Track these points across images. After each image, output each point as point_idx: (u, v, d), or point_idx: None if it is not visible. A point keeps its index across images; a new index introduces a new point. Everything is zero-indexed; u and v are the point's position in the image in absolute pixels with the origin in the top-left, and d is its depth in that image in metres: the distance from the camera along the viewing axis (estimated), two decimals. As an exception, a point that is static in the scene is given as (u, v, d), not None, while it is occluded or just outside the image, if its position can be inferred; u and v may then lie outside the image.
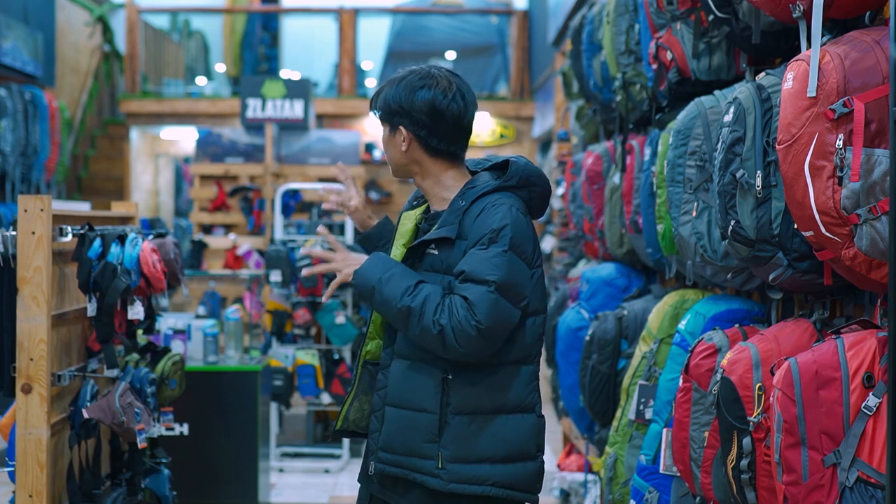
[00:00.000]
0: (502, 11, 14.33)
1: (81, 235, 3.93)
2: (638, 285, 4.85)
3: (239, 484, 6.22)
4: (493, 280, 2.67)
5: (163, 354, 4.52)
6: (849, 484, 2.18)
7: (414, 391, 2.78)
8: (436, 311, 2.67)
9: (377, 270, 2.78)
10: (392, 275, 2.76)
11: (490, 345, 2.70)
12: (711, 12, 3.14)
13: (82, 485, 4.01)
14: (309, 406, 7.62)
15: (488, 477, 2.74)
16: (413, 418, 2.77)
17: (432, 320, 2.67)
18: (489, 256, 2.68)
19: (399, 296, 2.71)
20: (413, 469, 2.78)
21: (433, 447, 2.74)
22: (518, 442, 2.78)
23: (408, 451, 2.78)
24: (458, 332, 2.65)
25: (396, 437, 2.80)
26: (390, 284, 2.74)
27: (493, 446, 2.75)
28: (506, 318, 2.70)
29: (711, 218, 3.09)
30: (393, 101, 2.84)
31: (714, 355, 2.97)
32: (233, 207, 10.89)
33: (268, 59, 15.80)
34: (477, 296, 2.66)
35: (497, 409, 2.76)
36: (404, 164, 2.88)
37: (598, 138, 6.09)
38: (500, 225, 2.71)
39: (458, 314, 2.65)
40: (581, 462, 5.88)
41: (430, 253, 2.80)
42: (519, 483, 2.78)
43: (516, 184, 2.83)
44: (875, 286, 2.35)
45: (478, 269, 2.68)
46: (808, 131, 2.26)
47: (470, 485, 2.73)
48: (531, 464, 2.80)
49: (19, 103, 9.21)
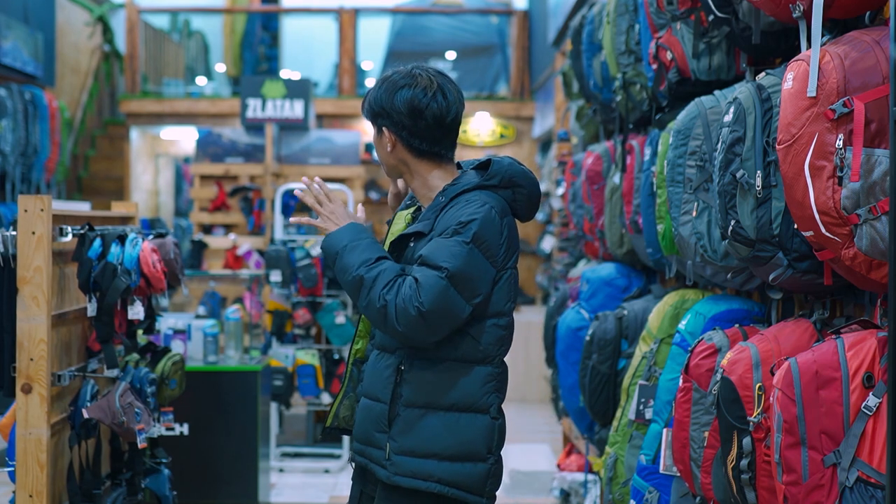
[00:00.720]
0: (502, 11, 14.32)
1: (81, 235, 3.93)
2: (638, 285, 4.85)
3: (239, 484, 6.22)
4: (446, 267, 2.67)
5: (163, 354, 4.52)
6: (849, 484, 2.18)
7: (375, 381, 2.82)
8: (385, 286, 2.69)
9: (346, 237, 2.81)
10: (358, 244, 2.79)
11: (430, 330, 2.68)
12: (711, 12, 3.14)
13: (82, 485, 4.01)
14: (309, 406, 7.62)
15: (433, 473, 2.73)
16: (371, 407, 2.81)
17: (379, 294, 2.69)
18: (448, 245, 2.69)
19: (357, 265, 2.74)
20: (370, 458, 2.82)
21: (383, 437, 2.77)
22: (467, 441, 2.76)
23: (366, 440, 2.82)
24: (399, 310, 2.66)
25: (360, 425, 2.85)
26: (353, 253, 2.77)
27: (441, 443, 2.74)
28: (451, 308, 2.68)
29: (711, 218, 3.09)
30: (375, 103, 2.86)
31: (714, 355, 2.97)
32: (233, 207, 10.89)
33: (268, 59, 15.79)
34: (426, 279, 2.66)
35: (449, 406, 2.76)
36: (393, 164, 2.90)
37: (598, 138, 6.09)
38: (468, 218, 2.71)
39: (404, 293, 2.66)
40: (581, 462, 5.88)
41: (409, 246, 2.83)
42: (465, 483, 2.75)
43: (498, 183, 2.82)
44: (875, 286, 2.35)
45: (434, 254, 2.69)
46: (808, 131, 2.26)
47: (414, 479, 2.73)
48: (481, 465, 2.77)
49: (19, 103, 9.20)
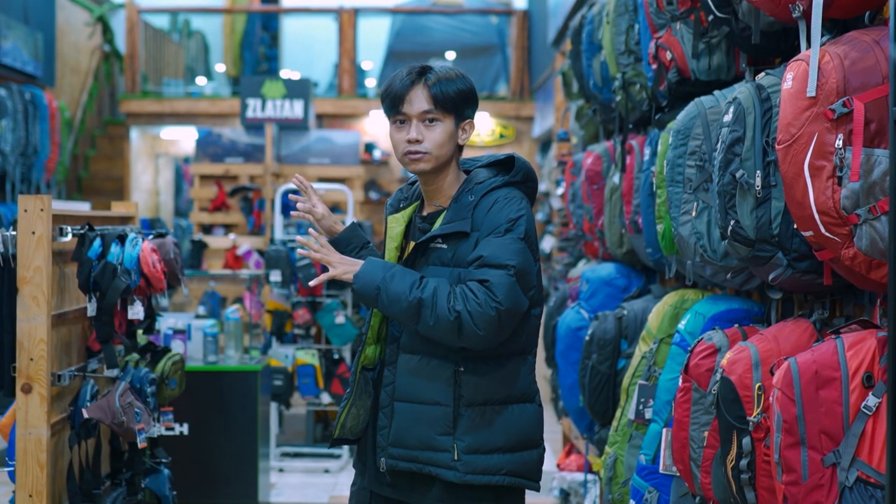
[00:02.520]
0: (502, 11, 14.32)
1: (81, 235, 3.93)
2: (638, 285, 4.85)
3: (239, 484, 6.21)
4: (513, 265, 2.72)
5: (163, 354, 4.52)
6: (848, 484, 2.18)
7: (425, 385, 2.80)
8: (448, 298, 2.70)
9: (379, 270, 2.78)
10: (395, 272, 2.77)
11: (504, 329, 2.74)
12: (711, 12, 3.14)
13: (82, 485, 4.01)
14: (309, 406, 7.62)
15: (501, 466, 2.79)
16: (426, 412, 2.80)
17: (447, 308, 2.69)
18: (507, 243, 2.74)
19: (408, 290, 2.72)
20: (428, 462, 2.80)
21: (448, 439, 2.78)
22: (526, 430, 2.84)
23: (422, 445, 2.80)
24: (476, 316, 2.67)
25: (409, 431, 2.82)
26: (395, 281, 2.74)
27: (504, 436, 2.80)
28: (520, 303, 2.74)
29: (711, 218, 3.09)
30: (470, 93, 2.87)
31: (714, 355, 2.97)
32: (233, 207, 10.88)
33: (268, 59, 15.79)
34: (497, 278, 2.70)
35: (505, 400, 2.82)
36: (448, 159, 2.88)
37: (597, 138, 6.09)
38: (516, 215, 2.77)
39: (477, 297, 2.68)
40: (581, 462, 5.87)
41: (437, 247, 2.81)
42: (527, 471, 2.85)
43: (521, 179, 2.89)
44: (875, 286, 2.35)
45: (496, 254, 2.72)
46: (807, 131, 2.26)
47: (485, 475, 2.78)
48: (535, 451, 2.87)
49: (19, 103, 9.20)
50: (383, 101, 2.90)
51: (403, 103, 2.84)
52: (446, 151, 2.86)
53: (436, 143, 2.84)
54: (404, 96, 2.84)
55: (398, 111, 2.85)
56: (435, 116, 2.83)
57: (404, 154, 2.86)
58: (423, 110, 2.83)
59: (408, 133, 2.84)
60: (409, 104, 2.84)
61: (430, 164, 2.85)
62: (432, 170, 2.86)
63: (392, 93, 2.86)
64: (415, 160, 2.85)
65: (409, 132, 2.84)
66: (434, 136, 2.84)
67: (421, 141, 2.83)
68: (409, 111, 2.84)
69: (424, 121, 2.83)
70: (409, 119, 2.85)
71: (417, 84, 2.84)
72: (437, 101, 2.83)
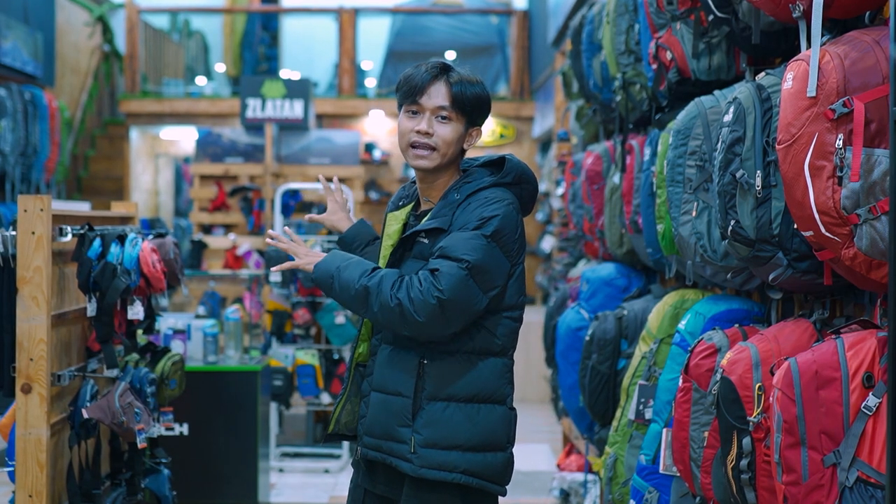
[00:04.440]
0: (502, 11, 14.32)
1: (81, 235, 3.93)
2: (638, 285, 4.85)
3: (239, 484, 6.21)
4: (467, 259, 2.71)
5: (163, 354, 4.52)
6: (848, 484, 2.18)
7: (392, 375, 2.83)
8: (392, 286, 2.73)
9: (336, 260, 2.85)
10: (350, 263, 2.83)
11: (448, 321, 2.72)
12: (711, 12, 3.14)
13: (82, 485, 4.00)
14: (309, 406, 7.62)
15: (458, 464, 2.77)
16: (390, 402, 2.82)
17: (389, 294, 2.72)
18: (468, 238, 2.73)
19: (357, 277, 2.78)
20: (389, 453, 2.83)
21: (407, 431, 2.79)
22: (489, 432, 2.81)
23: (385, 435, 2.83)
24: (417, 303, 2.69)
25: (376, 420, 2.85)
26: (348, 270, 2.80)
27: (465, 434, 2.78)
28: (470, 299, 2.73)
29: (711, 218, 3.09)
30: (485, 100, 2.89)
31: (714, 355, 2.97)
32: (233, 207, 10.88)
33: (268, 59, 15.80)
34: (447, 269, 2.70)
35: (470, 398, 2.80)
36: (451, 160, 2.89)
37: (598, 138, 6.09)
38: (490, 214, 2.76)
39: (421, 285, 2.70)
40: (581, 462, 5.87)
41: (421, 241, 2.84)
42: (488, 473, 2.81)
43: (511, 180, 2.88)
44: (875, 286, 2.35)
45: (455, 247, 2.73)
46: (807, 131, 2.26)
47: (440, 471, 2.77)
48: (500, 454, 2.84)
49: (19, 103, 9.20)
50: (400, 88, 2.89)
51: (422, 94, 2.85)
52: (452, 151, 2.86)
53: (444, 139, 2.84)
54: (425, 88, 2.85)
55: (414, 101, 2.86)
56: (449, 114, 2.85)
57: (410, 144, 2.86)
58: (440, 105, 2.84)
59: (419, 123, 2.85)
60: (428, 96, 2.85)
61: (433, 163, 2.86)
62: (435, 168, 2.87)
63: (412, 82, 2.86)
64: (418, 156, 2.86)
65: (420, 123, 2.85)
66: (444, 133, 2.85)
67: (431, 134, 2.84)
68: (426, 103, 2.85)
69: (437, 116, 2.85)
70: (422, 111, 2.86)
71: (439, 79, 2.85)
72: (455, 100, 2.84)
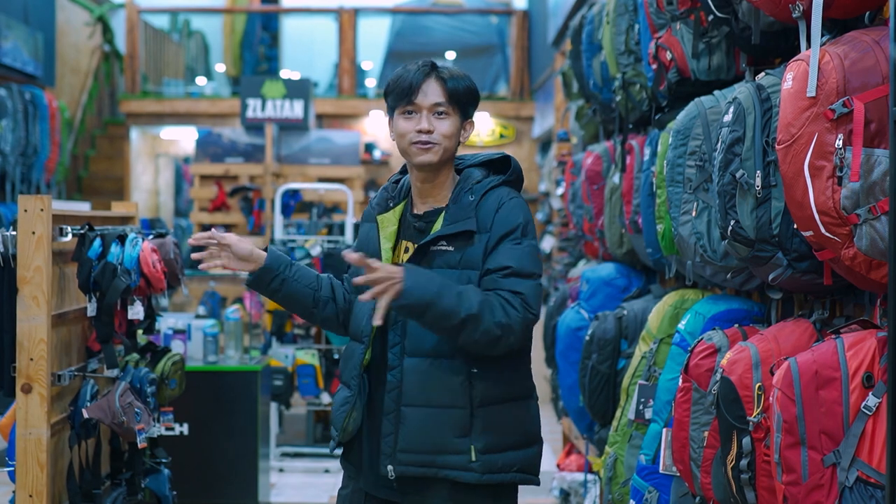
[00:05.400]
0: (502, 11, 14.33)
1: (81, 235, 3.93)
2: (638, 285, 4.85)
3: (239, 484, 6.21)
4: (538, 273, 2.82)
5: (163, 354, 4.52)
6: (848, 484, 2.18)
7: (439, 387, 2.80)
8: (493, 312, 2.73)
9: (428, 283, 2.71)
10: (442, 285, 2.72)
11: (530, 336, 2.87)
12: (711, 12, 3.14)
13: (82, 485, 4.01)
14: (309, 406, 7.62)
15: (514, 463, 2.84)
16: (441, 415, 2.80)
17: (493, 323, 2.72)
18: (528, 251, 2.81)
19: (457, 305, 2.69)
20: (444, 466, 2.80)
21: (465, 441, 2.79)
22: (530, 425, 2.91)
23: (436, 449, 2.79)
24: (516, 328, 2.74)
25: (421, 436, 2.80)
26: (446, 296, 2.70)
27: (515, 433, 2.86)
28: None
29: (711, 218, 3.09)
30: (475, 92, 2.92)
31: (714, 355, 2.97)
32: (233, 207, 10.88)
33: (268, 59, 15.80)
34: (528, 289, 2.77)
35: (512, 398, 2.86)
36: (452, 154, 2.91)
37: (597, 138, 6.09)
38: (524, 220, 2.83)
39: (518, 311, 2.74)
40: (581, 462, 5.87)
41: (443, 249, 2.81)
42: (532, 466, 2.91)
43: (515, 179, 2.95)
44: (875, 286, 2.35)
45: (522, 263, 2.78)
46: (807, 131, 2.26)
47: (500, 473, 2.82)
48: (538, 446, 2.94)
49: (19, 103, 9.21)
50: (391, 91, 2.88)
51: (417, 94, 2.85)
52: (453, 144, 2.88)
53: (445, 134, 2.86)
54: (418, 87, 2.85)
55: (410, 101, 2.85)
56: (445, 110, 2.86)
57: (412, 143, 2.85)
58: (436, 102, 2.85)
59: (418, 123, 2.85)
60: (424, 95, 2.85)
61: (438, 156, 2.86)
62: (439, 161, 2.86)
63: (405, 83, 2.85)
64: (424, 149, 2.85)
65: (419, 122, 2.85)
66: (444, 128, 2.86)
67: (432, 131, 2.84)
68: (422, 102, 2.85)
69: (435, 113, 2.86)
70: (419, 110, 2.86)
71: (431, 77, 2.86)
72: (450, 95, 2.86)
